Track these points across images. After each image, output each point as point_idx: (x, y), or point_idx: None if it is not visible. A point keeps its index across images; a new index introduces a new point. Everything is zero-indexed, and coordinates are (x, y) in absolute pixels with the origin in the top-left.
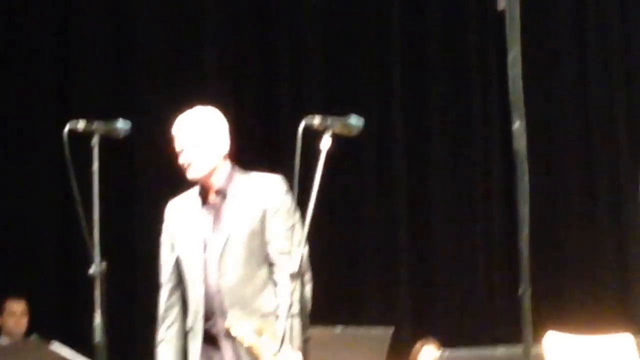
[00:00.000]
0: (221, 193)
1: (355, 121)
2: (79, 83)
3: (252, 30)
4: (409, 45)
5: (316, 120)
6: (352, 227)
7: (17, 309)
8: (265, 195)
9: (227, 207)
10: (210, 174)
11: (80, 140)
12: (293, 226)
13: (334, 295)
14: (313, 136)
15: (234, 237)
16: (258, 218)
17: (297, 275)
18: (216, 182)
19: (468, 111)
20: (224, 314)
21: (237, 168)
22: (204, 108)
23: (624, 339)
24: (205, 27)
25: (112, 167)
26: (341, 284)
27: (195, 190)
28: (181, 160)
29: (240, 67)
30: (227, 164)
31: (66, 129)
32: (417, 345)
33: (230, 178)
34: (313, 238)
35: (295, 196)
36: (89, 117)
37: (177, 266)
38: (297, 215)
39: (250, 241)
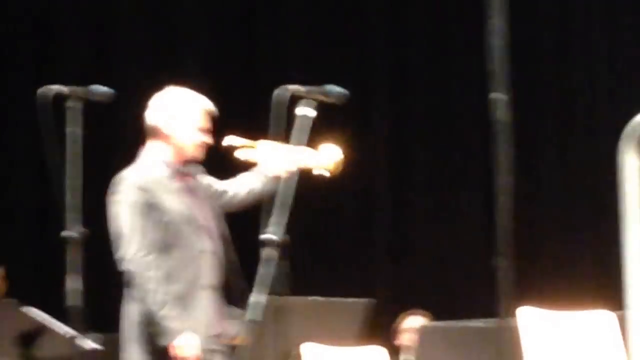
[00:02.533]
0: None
1: (338, 89)
2: (58, 52)
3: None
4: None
5: (297, 88)
6: (333, 198)
7: None
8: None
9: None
10: None
11: (59, 106)
12: None
13: (316, 269)
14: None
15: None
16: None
17: None
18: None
19: (450, 83)
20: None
21: None
22: None
23: (601, 315)
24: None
25: (91, 132)
26: (323, 257)
27: (158, 164)
28: (207, 139)
29: (220, 49)
30: None
31: (39, 91)
32: (404, 315)
33: None
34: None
35: None
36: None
37: (164, 233)
38: None
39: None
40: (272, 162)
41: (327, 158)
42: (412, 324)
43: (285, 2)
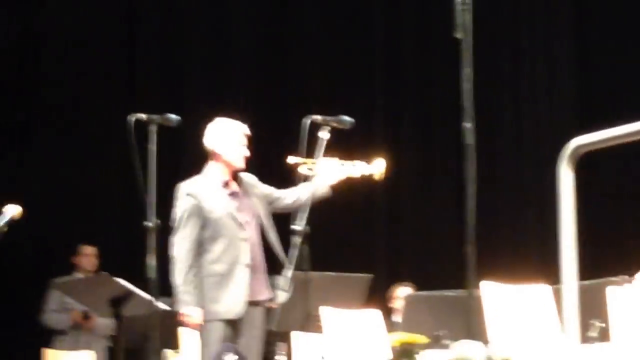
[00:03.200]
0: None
1: (347, 118)
2: (141, 86)
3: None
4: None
5: (317, 117)
6: (342, 198)
7: (90, 252)
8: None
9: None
10: None
11: (141, 127)
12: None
13: (329, 252)
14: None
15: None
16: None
17: None
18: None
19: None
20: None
21: None
22: None
23: (542, 288)
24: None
25: (164, 149)
26: (335, 242)
27: (212, 176)
28: (247, 153)
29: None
30: None
31: (128, 118)
32: (395, 286)
33: None
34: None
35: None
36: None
37: (207, 229)
38: None
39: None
40: (326, 175)
41: (376, 168)
42: (401, 292)
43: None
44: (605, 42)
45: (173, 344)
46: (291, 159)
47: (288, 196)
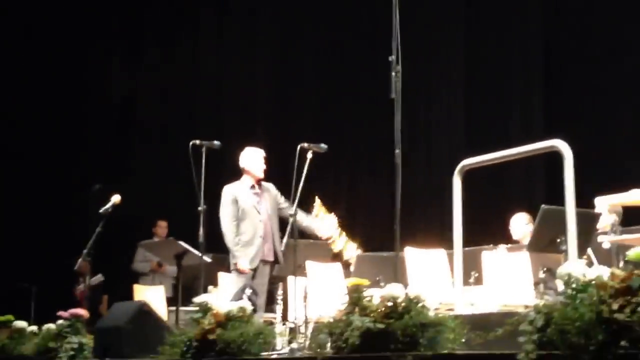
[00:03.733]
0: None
1: (324, 145)
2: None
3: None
4: None
5: (305, 144)
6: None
7: (163, 224)
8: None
9: (262, 191)
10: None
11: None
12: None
13: None
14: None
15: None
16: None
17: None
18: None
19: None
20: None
21: None
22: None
23: (440, 252)
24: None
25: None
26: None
27: (244, 181)
28: (264, 167)
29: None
30: None
31: (190, 144)
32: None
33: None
34: None
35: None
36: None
37: (239, 213)
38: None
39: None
40: (324, 226)
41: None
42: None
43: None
44: (487, 95)
45: (214, 283)
46: (317, 201)
47: (293, 212)
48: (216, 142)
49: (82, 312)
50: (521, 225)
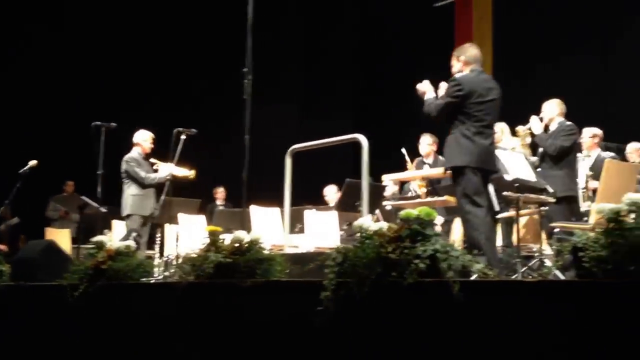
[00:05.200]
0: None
1: (194, 130)
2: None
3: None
4: None
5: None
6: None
7: (70, 183)
8: None
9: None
10: None
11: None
12: None
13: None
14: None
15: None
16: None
17: None
18: None
19: None
20: None
21: None
22: None
23: (275, 210)
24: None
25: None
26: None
27: (137, 153)
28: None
29: None
30: None
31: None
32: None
33: None
34: None
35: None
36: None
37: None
38: None
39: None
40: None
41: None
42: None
43: None
44: (319, 97)
45: (109, 228)
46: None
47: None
48: (113, 124)
49: (2, 246)
50: (332, 193)
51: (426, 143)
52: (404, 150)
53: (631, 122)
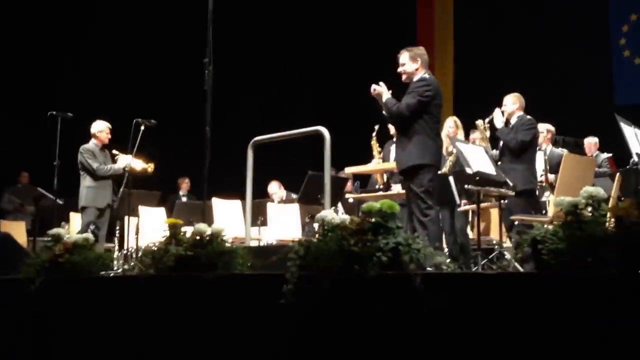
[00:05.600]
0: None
1: (154, 121)
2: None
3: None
4: None
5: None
6: None
7: (25, 174)
8: None
9: (106, 151)
10: None
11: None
12: None
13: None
14: None
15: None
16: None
17: None
18: None
19: None
20: None
21: None
22: None
23: (237, 203)
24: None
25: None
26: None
27: (94, 143)
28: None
29: None
30: None
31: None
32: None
33: None
34: None
35: None
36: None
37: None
38: None
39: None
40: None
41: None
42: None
43: None
44: (276, 91)
45: (66, 220)
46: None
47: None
48: (69, 114)
49: None
50: (275, 188)
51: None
52: (374, 135)
53: (587, 116)
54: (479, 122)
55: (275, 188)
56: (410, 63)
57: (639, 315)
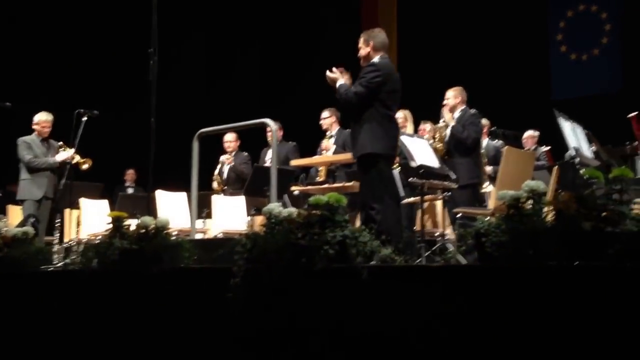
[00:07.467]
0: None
1: (96, 112)
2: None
3: None
4: None
5: (81, 110)
6: None
7: None
8: None
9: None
10: None
11: None
12: None
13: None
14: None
15: (51, 155)
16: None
17: None
18: None
19: None
20: None
21: None
22: None
23: (182, 195)
24: None
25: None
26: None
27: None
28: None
29: None
30: None
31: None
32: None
33: None
34: None
35: None
36: None
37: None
38: None
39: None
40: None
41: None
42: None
43: None
44: (222, 82)
45: (4, 213)
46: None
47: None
48: (7, 104)
49: None
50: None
51: (325, 117)
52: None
53: (525, 110)
54: (438, 126)
55: (232, 137)
56: (364, 47)
57: (578, 305)
